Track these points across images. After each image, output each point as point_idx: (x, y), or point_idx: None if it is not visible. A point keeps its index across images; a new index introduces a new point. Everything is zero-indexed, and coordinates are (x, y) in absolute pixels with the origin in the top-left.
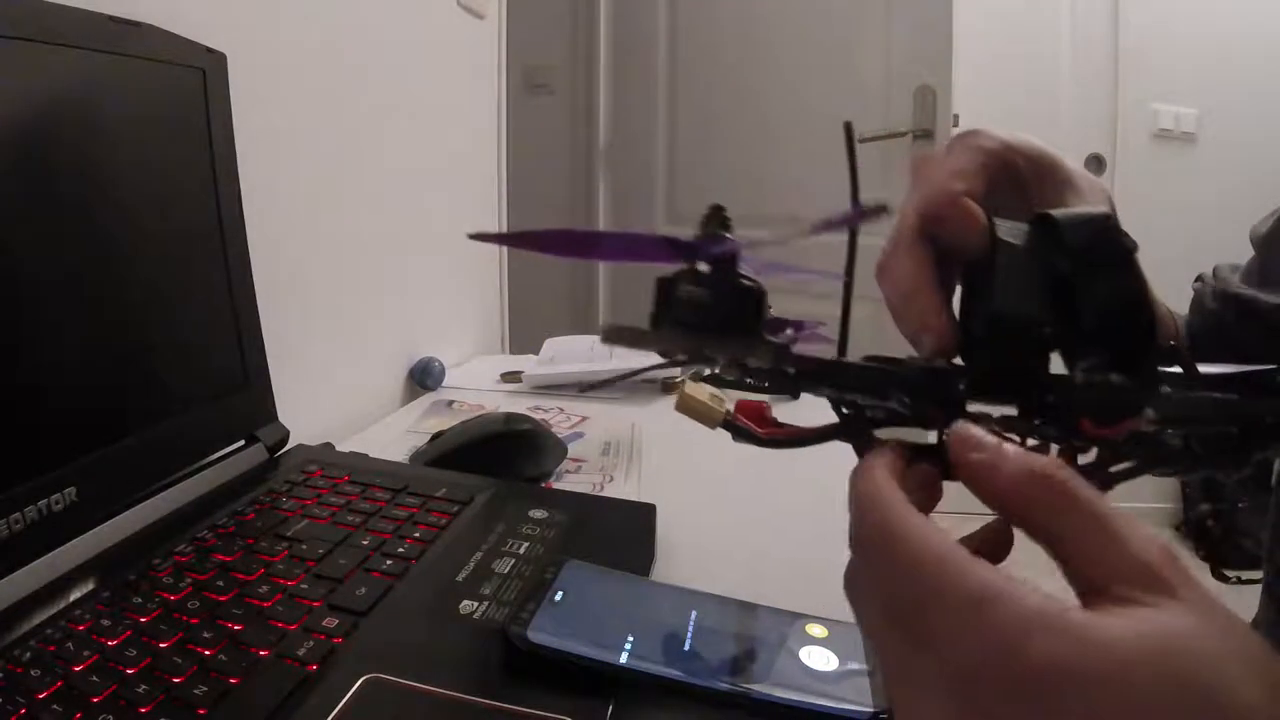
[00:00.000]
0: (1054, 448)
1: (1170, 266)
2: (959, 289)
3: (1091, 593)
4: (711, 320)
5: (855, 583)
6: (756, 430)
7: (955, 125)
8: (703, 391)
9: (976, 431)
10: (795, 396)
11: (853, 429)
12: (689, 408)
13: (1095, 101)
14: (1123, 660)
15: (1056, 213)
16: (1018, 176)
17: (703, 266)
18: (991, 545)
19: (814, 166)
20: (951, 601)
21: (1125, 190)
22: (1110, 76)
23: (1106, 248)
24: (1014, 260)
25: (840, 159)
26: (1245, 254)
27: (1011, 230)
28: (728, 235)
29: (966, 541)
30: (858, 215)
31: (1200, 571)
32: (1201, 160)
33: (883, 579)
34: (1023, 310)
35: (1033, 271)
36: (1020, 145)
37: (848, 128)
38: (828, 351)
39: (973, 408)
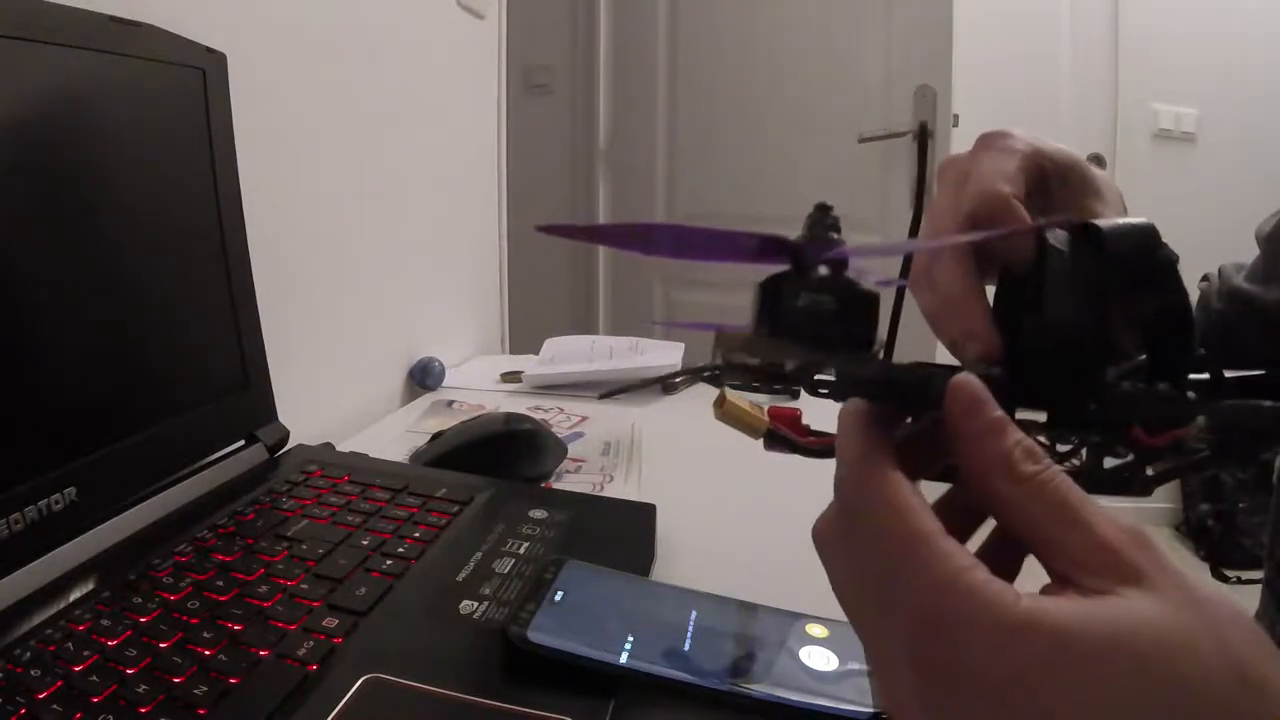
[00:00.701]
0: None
1: None
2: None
3: (1058, 581)
4: (833, 330)
5: (827, 530)
6: (799, 439)
7: (955, 125)
8: (744, 400)
9: (978, 390)
10: (795, 397)
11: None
12: (734, 418)
13: (1095, 101)
14: (1079, 652)
15: (1102, 223)
16: (1044, 179)
17: (821, 270)
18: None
19: (814, 166)
20: (915, 581)
21: (1125, 190)
22: (1110, 76)
23: (1150, 260)
24: (1064, 268)
25: (840, 159)
26: (1245, 253)
27: (1058, 238)
28: (838, 237)
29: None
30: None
31: (1200, 570)
32: (1201, 160)
33: (852, 535)
34: (1076, 320)
35: (1080, 281)
36: (1046, 148)
37: (923, 129)
38: None
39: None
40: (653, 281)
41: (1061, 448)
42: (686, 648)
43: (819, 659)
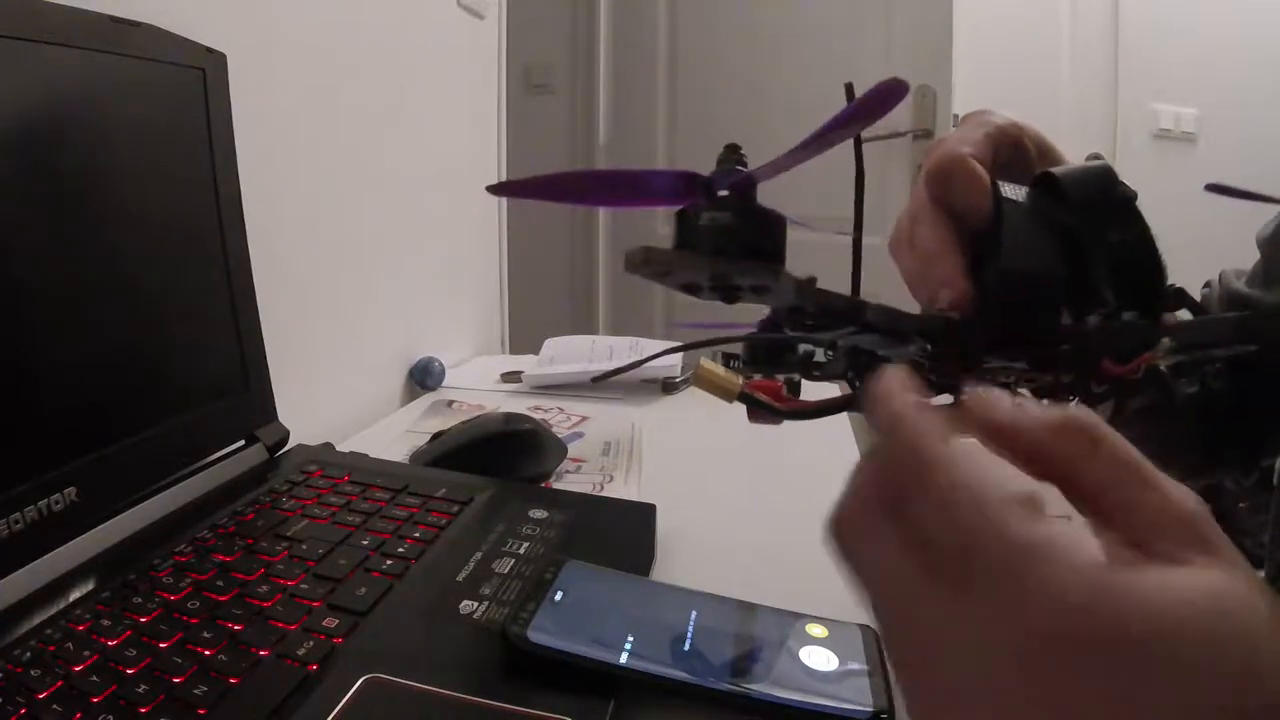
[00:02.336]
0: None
1: (1170, 266)
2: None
3: (1132, 547)
4: (735, 245)
5: (864, 516)
6: (774, 403)
7: (955, 125)
8: (719, 367)
9: (994, 392)
10: (795, 394)
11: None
12: (706, 381)
13: (1095, 101)
14: (1178, 618)
15: (1057, 170)
16: (1024, 154)
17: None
18: None
19: (814, 166)
20: (996, 550)
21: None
22: (1110, 76)
23: (1108, 198)
24: (1019, 217)
25: (840, 159)
26: (1245, 253)
27: (1015, 191)
28: (743, 168)
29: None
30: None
31: None
32: (1201, 160)
33: (913, 514)
34: (1031, 264)
35: (1038, 227)
36: (1027, 126)
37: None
38: None
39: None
40: (653, 282)
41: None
42: (686, 648)
43: (819, 659)
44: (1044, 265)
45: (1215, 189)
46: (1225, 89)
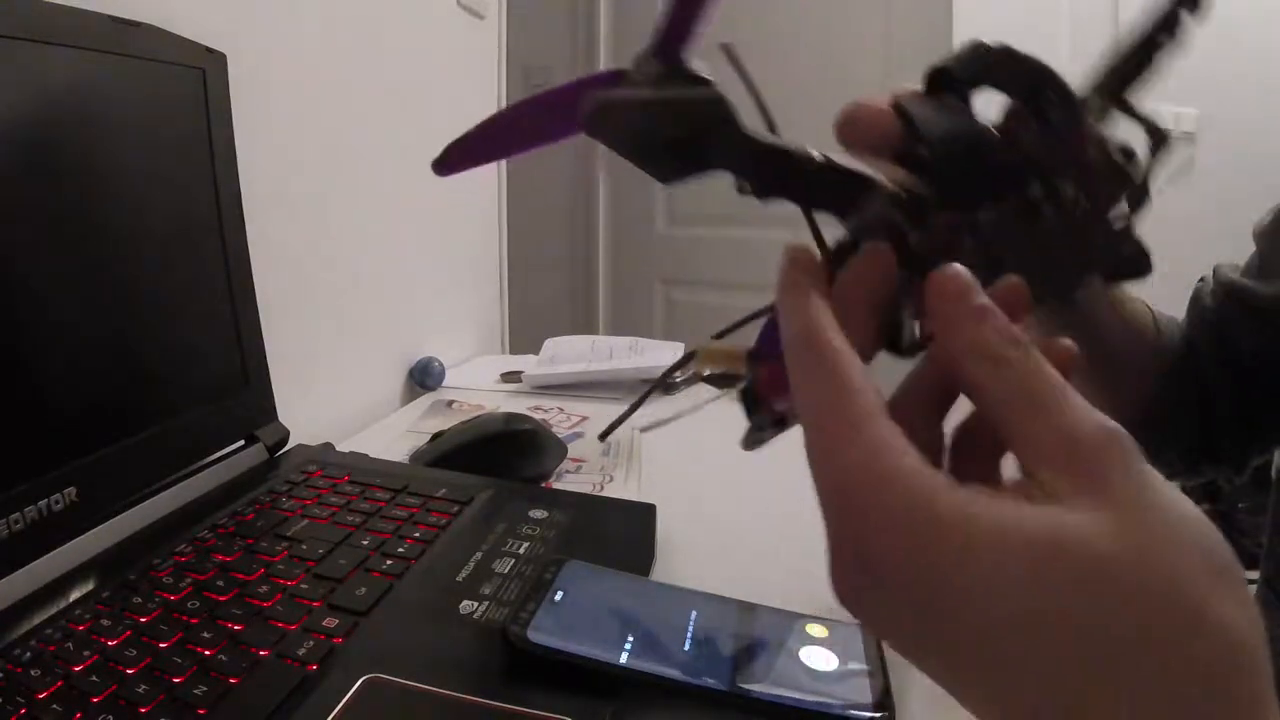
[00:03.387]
0: None
1: (1171, 266)
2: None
3: (1023, 477)
4: (671, 86)
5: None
6: (770, 404)
7: None
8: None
9: (965, 279)
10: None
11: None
12: (710, 356)
13: None
14: (989, 559)
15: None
16: None
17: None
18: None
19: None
20: (835, 459)
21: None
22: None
23: (987, 50)
24: (918, 108)
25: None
26: (1245, 253)
27: (913, 100)
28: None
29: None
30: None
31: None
32: (1201, 160)
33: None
34: (952, 129)
35: (939, 109)
36: None
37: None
38: None
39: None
40: (653, 281)
41: None
42: (686, 648)
43: (819, 659)
44: (958, 122)
45: None
46: (1225, 89)
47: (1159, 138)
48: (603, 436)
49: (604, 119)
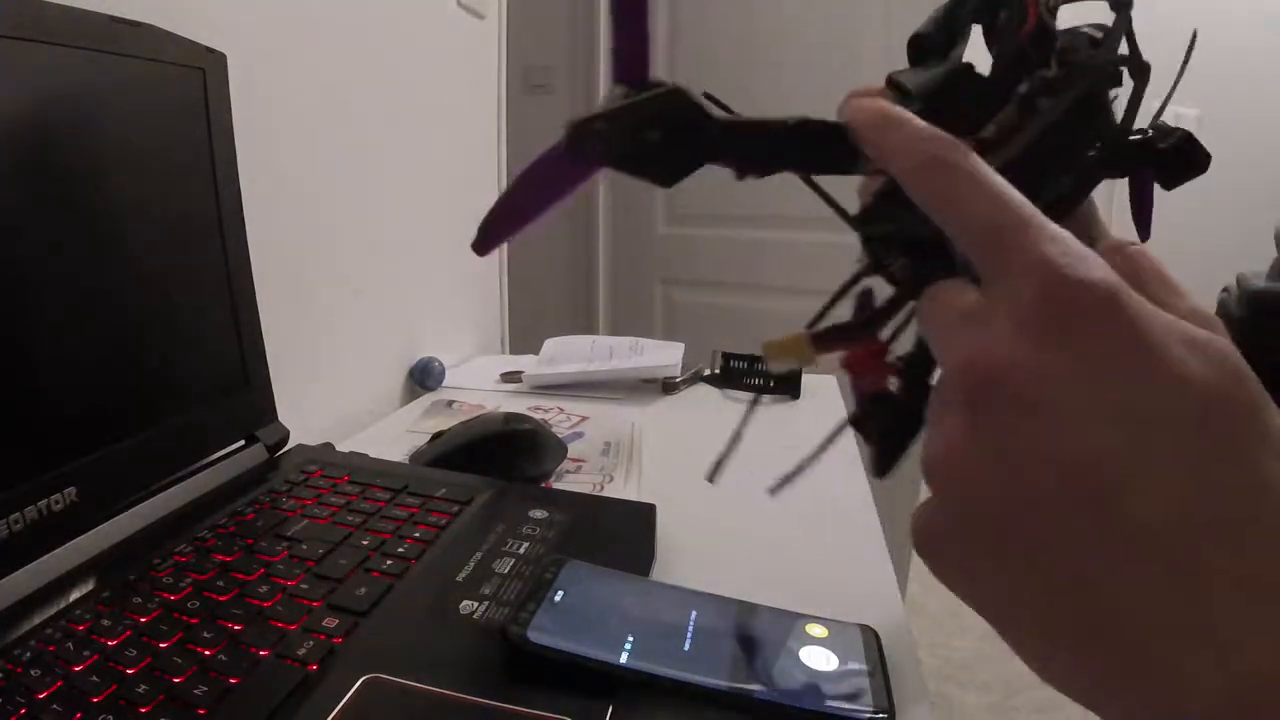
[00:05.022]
0: None
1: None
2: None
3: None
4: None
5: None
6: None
7: None
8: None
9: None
10: (795, 396)
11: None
12: (775, 350)
13: None
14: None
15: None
16: None
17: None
18: None
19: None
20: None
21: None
22: None
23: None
24: (907, 74)
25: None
26: (1245, 253)
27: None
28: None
29: None
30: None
31: None
32: None
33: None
34: (933, 77)
35: (925, 69)
36: None
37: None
38: None
39: None
40: (653, 281)
41: None
42: (686, 648)
43: (819, 659)
44: (938, 70)
45: None
46: (1225, 89)
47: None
48: (711, 478)
49: (581, 139)
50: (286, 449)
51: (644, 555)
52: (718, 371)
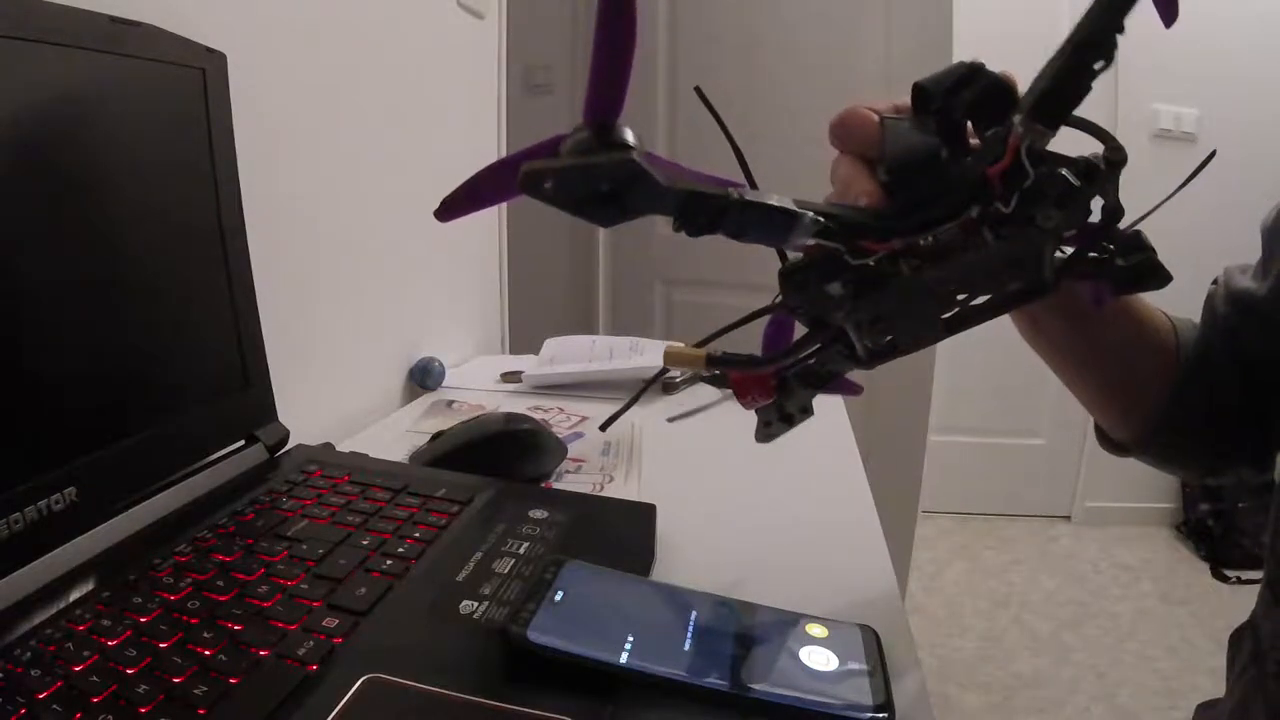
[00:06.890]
0: None
1: (1171, 267)
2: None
3: None
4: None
5: None
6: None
7: None
8: (681, 345)
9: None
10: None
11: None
12: (674, 358)
13: (1095, 101)
14: None
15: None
16: None
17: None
18: None
19: (814, 166)
20: None
21: (1126, 190)
22: (1110, 76)
23: (957, 76)
24: (896, 126)
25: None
26: (1246, 253)
27: (898, 119)
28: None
29: None
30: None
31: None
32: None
33: None
34: (907, 147)
35: (912, 127)
36: None
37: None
38: None
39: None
40: (653, 281)
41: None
42: (686, 648)
43: (819, 659)
44: (917, 144)
45: None
46: (1225, 89)
47: (1113, 149)
48: (603, 427)
49: (532, 185)
50: (286, 449)
51: (644, 555)
52: (717, 372)
